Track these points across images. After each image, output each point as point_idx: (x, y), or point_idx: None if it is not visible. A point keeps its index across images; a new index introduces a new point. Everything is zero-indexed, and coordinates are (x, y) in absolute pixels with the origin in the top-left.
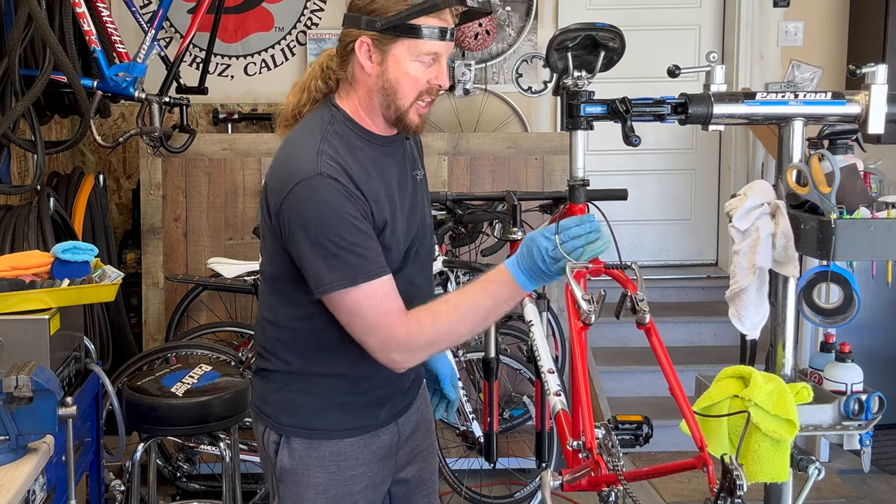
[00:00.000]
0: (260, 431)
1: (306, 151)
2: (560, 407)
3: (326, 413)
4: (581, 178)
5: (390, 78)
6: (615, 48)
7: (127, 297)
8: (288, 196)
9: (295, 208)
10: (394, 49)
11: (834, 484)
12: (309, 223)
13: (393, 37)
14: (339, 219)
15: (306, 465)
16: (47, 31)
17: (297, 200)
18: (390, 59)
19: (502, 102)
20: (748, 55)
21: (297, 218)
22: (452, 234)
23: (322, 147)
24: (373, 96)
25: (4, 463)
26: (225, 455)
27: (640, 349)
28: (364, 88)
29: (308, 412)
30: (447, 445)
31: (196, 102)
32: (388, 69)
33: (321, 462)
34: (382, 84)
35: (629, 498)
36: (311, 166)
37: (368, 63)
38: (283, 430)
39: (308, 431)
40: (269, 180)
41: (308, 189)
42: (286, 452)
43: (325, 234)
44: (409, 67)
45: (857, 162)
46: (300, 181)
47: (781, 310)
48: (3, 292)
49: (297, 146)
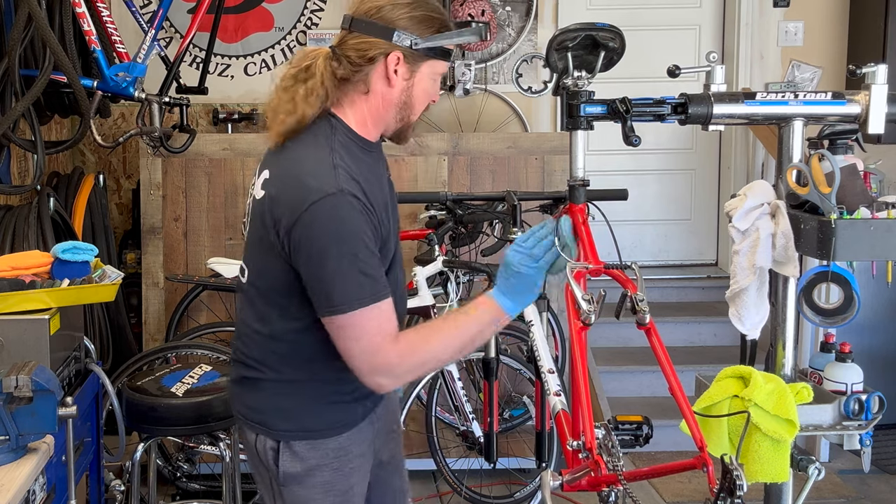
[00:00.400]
0: (251, 440)
1: (322, 165)
2: (560, 407)
3: (322, 413)
4: (581, 178)
5: (413, 94)
6: (615, 48)
7: (127, 297)
8: (304, 213)
9: (311, 227)
10: (422, 67)
11: (834, 484)
12: (325, 244)
13: (424, 56)
14: (355, 239)
15: (311, 467)
16: (47, 31)
17: (313, 219)
18: (417, 76)
19: (502, 102)
20: (748, 55)
21: (312, 237)
22: (452, 234)
23: (336, 160)
24: (390, 109)
25: (4, 463)
26: (225, 455)
27: (640, 349)
28: (382, 100)
29: (303, 415)
30: (447, 445)
31: (196, 102)
32: (414, 85)
33: (326, 460)
34: (405, 99)
35: (629, 498)
36: (330, 182)
37: (395, 77)
38: (280, 435)
39: (308, 433)
40: (279, 194)
41: (328, 207)
42: (288, 457)
43: (339, 256)
44: (428, 85)
45: (857, 162)
46: (320, 199)
47: (781, 310)
48: (3, 292)
49: (310, 159)
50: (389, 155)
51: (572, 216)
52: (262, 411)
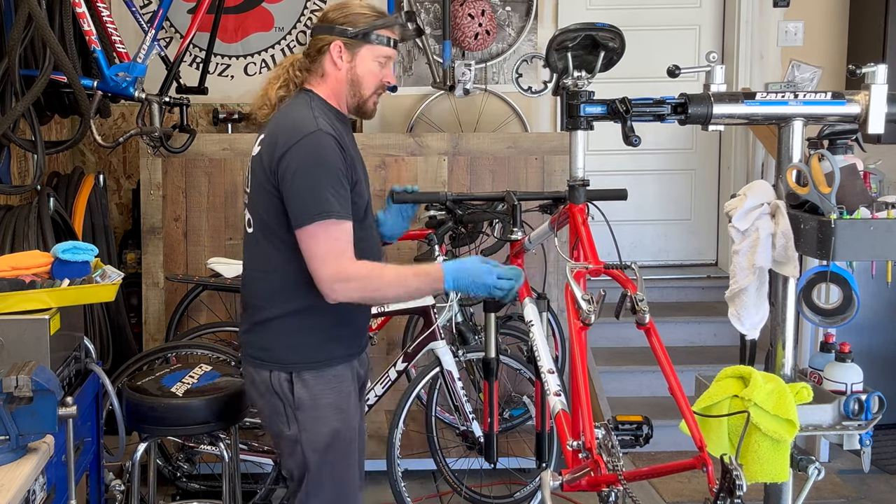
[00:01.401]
0: (265, 377)
1: (305, 117)
2: (560, 407)
3: (324, 346)
4: (581, 178)
5: (357, 73)
6: (615, 48)
7: (127, 297)
8: (294, 146)
9: (297, 155)
10: (360, 52)
11: (834, 484)
12: (304, 165)
13: (360, 42)
14: (331, 167)
15: (318, 391)
16: (47, 31)
17: (300, 149)
18: (357, 59)
19: (502, 102)
20: (748, 55)
21: (297, 161)
22: (452, 234)
23: (316, 114)
24: (342, 86)
25: (4, 463)
26: (225, 455)
27: (640, 349)
28: (334, 80)
29: (310, 348)
30: (447, 445)
31: (196, 102)
32: (356, 66)
33: (329, 385)
34: (351, 77)
35: (629, 498)
36: (312, 125)
37: (340, 61)
38: (292, 367)
39: (314, 363)
40: (273, 139)
41: (312, 140)
42: (300, 385)
43: (315, 175)
44: (371, 66)
45: (857, 162)
46: (306, 135)
47: (781, 310)
48: (3, 292)
49: (295, 115)
50: (389, 155)
51: (572, 216)
52: (275, 349)
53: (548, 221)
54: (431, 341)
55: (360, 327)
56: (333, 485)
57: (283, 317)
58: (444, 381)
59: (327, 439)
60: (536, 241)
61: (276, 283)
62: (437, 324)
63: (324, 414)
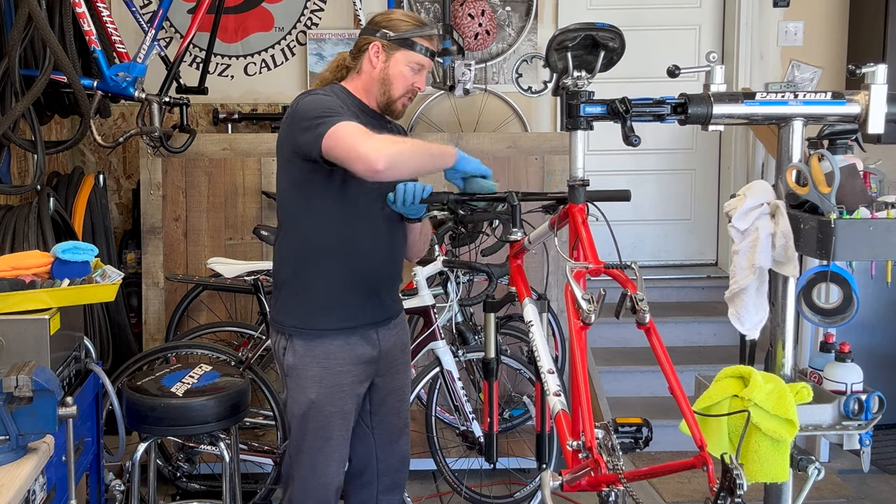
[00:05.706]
0: (274, 340)
1: (320, 91)
2: (560, 407)
3: (318, 314)
4: (581, 178)
5: (389, 73)
6: (615, 48)
7: (127, 297)
8: (297, 100)
9: (300, 106)
10: (396, 55)
11: (834, 484)
12: (309, 107)
13: (397, 46)
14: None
15: (305, 362)
16: (47, 31)
17: (302, 101)
18: (392, 61)
19: (502, 102)
20: (748, 55)
21: (302, 106)
22: (452, 234)
23: (328, 93)
24: (373, 84)
25: (4, 463)
26: (225, 455)
27: (640, 349)
28: (367, 77)
29: (304, 314)
30: (447, 445)
31: (196, 102)
32: (389, 67)
33: (316, 359)
34: (382, 77)
35: (629, 498)
36: (322, 91)
37: (375, 59)
38: (287, 330)
39: (306, 331)
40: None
41: (312, 95)
42: (291, 352)
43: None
44: (403, 69)
45: (856, 162)
46: (307, 94)
47: (781, 310)
48: (3, 292)
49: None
50: None
51: (572, 216)
52: (280, 312)
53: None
54: (431, 341)
55: (350, 304)
56: (309, 456)
57: (286, 283)
58: (444, 381)
59: (304, 409)
60: (536, 242)
61: (281, 248)
62: (437, 324)
63: (305, 384)
